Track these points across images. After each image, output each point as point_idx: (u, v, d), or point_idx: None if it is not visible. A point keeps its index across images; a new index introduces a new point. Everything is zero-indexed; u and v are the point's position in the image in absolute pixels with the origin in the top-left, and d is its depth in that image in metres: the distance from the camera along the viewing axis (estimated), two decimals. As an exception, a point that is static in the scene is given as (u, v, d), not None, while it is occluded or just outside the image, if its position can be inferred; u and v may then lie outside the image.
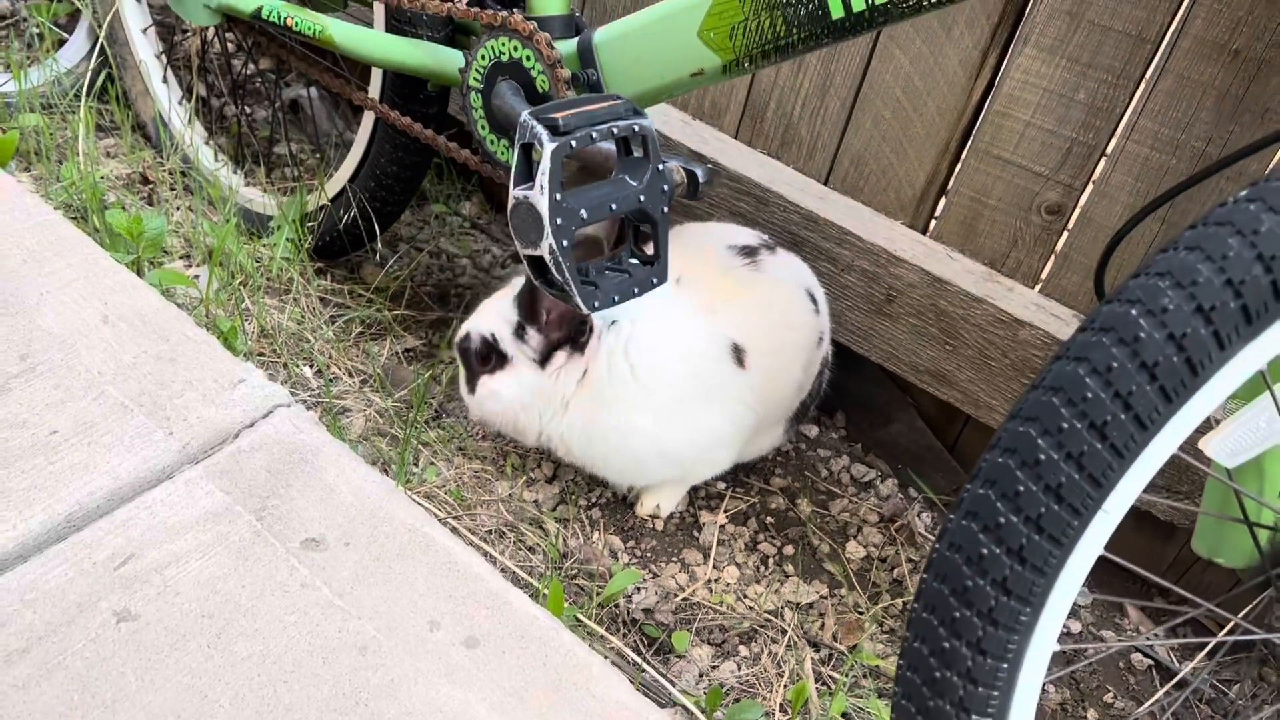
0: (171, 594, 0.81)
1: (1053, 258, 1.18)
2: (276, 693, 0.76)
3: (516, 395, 1.07)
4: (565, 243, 0.76)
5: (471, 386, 1.10)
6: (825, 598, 1.17)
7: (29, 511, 0.84)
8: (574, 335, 1.06)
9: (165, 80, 1.60)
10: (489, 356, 1.08)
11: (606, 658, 1.01)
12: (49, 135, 1.47)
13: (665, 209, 0.83)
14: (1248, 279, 0.58)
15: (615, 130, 0.78)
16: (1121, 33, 1.05)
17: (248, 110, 1.74)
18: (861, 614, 1.16)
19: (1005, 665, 0.65)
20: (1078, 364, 0.62)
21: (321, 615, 0.81)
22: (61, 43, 1.71)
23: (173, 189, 1.50)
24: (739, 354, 1.09)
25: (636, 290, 0.83)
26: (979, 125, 1.17)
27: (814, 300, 1.17)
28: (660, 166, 0.82)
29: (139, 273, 1.20)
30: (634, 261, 0.84)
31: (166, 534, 0.85)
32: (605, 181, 0.80)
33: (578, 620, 1.02)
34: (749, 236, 1.18)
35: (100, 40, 1.58)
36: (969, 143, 1.18)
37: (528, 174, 0.76)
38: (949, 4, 0.78)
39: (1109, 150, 1.10)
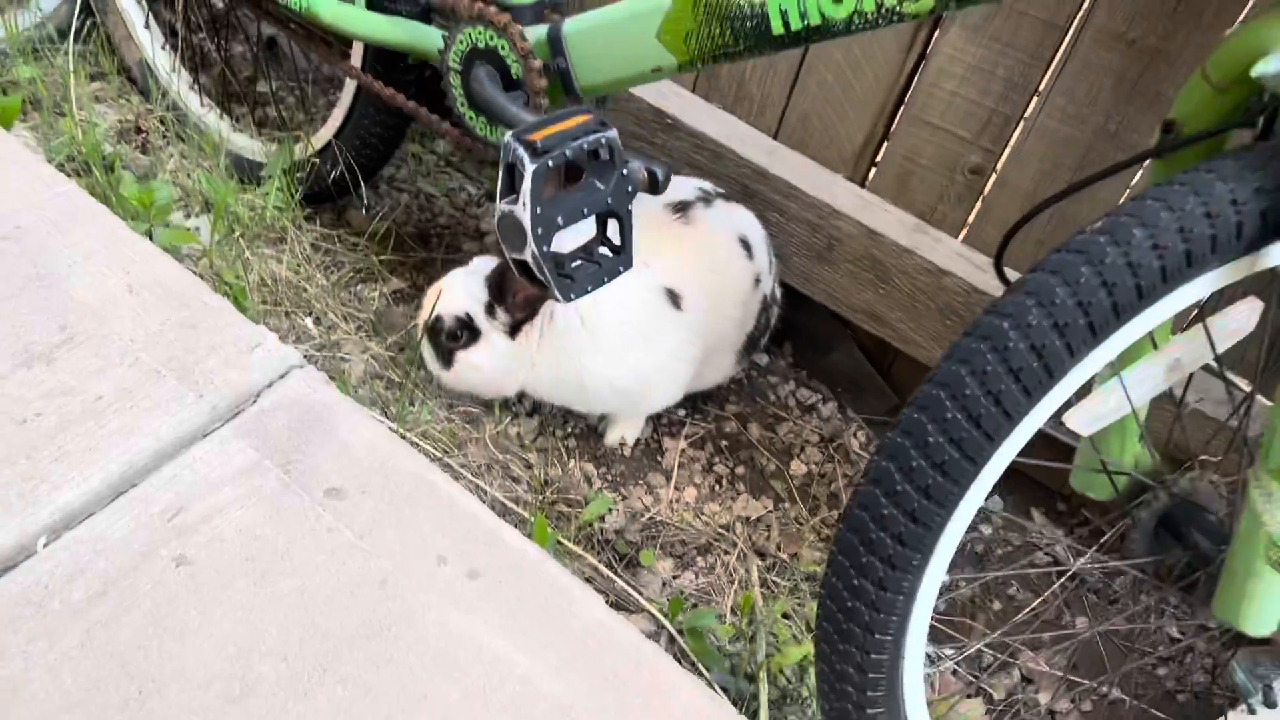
0: (218, 541, 0.95)
1: (974, 212, 1.31)
2: (314, 621, 0.91)
3: (494, 363, 1.22)
4: (545, 248, 0.88)
5: (448, 362, 1.24)
6: (771, 511, 1.34)
7: (88, 471, 0.98)
8: (538, 308, 1.20)
9: (148, 26, 1.65)
10: (461, 334, 1.21)
11: (585, 575, 1.18)
12: (43, 87, 1.54)
13: (630, 206, 0.95)
14: (1116, 283, 0.72)
15: (585, 145, 0.89)
16: (1036, 18, 1.16)
17: (225, 48, 1.80)
18: (801, 525, 1.33)
19: (919, 556, 0.80)
20: (1004, 319, 0.75)
21: (346, 555, 0.96)
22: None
23: (164, 137, 1.58)
24: (674, 298, 1.24)
25: (606, 278, 0.96)
26: (911, 93, 1.29)
27: (747, 247, 1.30)
28: (624, 170, 0.94)
29: (149, 236, 1.30)
30: (604, 251, 0.97)
31: (208, 488, 0.99)
32: (577, 188, 0.92)
33: (560, 543, 1.18)
34: (686, 190, 1.30)
35: (83, -11, 1.64)
36: (902, 108, 1.30)
37: (511, 188, 0.88)
38: (869, 29, 0.90)
39: (1024, 120, 1.22)
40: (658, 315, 1.23)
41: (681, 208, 1.27)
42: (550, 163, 0.86)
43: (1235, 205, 0.72)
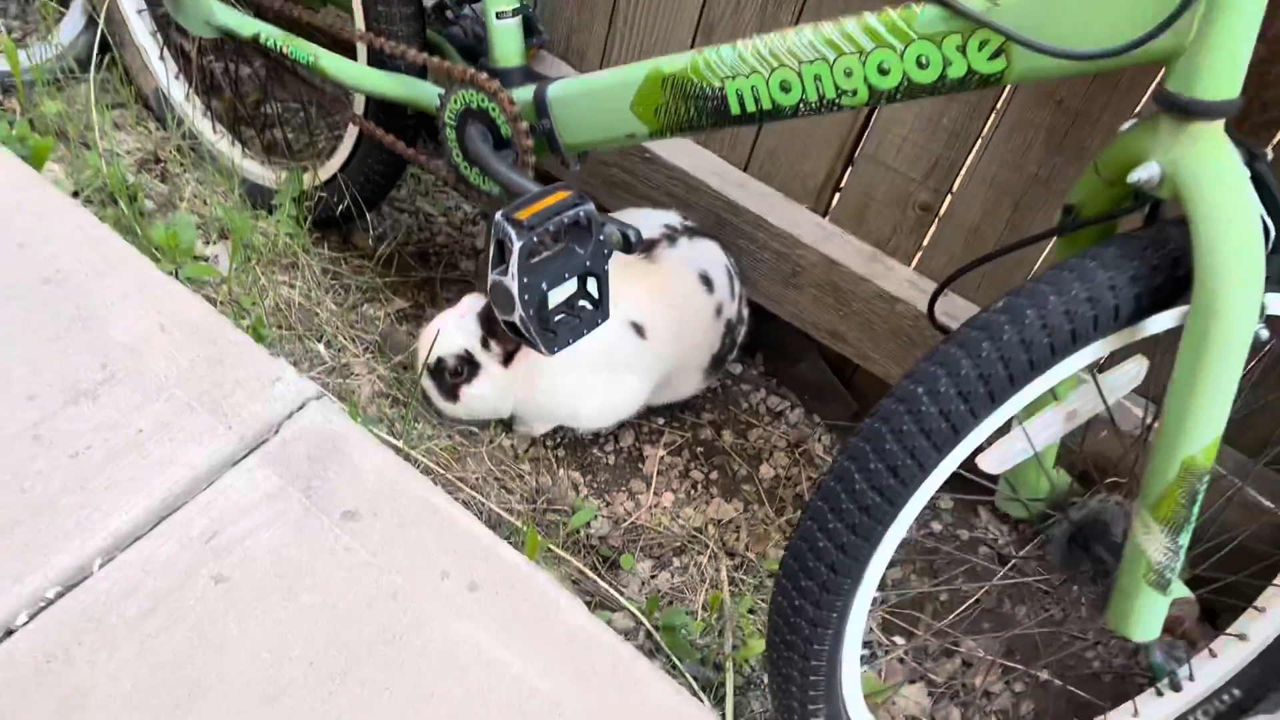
0: (251, 560, 1.09)
1: (925, 243, 1.44)
2: (336, 631, 1.05)
3: (494, 391, 1.36)
4: (531, 311, 1.01)
5: (453, 397, 1.37)
6: (741, 513, 1.48)
7: (134, 499, 1.11)
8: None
9: (162, 57, 1.77)
10: (463, 369, 1.35)
11: (572, 578, 1.32)
12: (70, 124, 1.65)
13: (606, 266, 1.08)
14: (1011, 358, 0.85)
15: (565, 219, 1.02)
16: (975, 77, 1.28)
17: (235, 76, 1.91)
18: (768, 525, 1.47)
19: (867, 544, 0.93)
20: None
21: (362, 572, 1.10)
22: (59, 17, 1.85)
23: (181, 165, 1.70)
24: (639, 330, 1.37)
25: (585, 330, 1.08)
26: (865, 136, 1.41)
27: (708, 282, 1.43)
28: (601, 236, 1.06)
29: (176, 274, 1.43)
30: (584, 305, 1.10)
31: (239, 512, 1.12)
32: (559, 253, 1.04)
33: (550, 550, 1.32)
34: (653, 228, 1.43)
35: (100, 26, 1.74)
36: (859, 149, 1.42)
37: (501, 260, 1.00)
38: (813, 115, 1.02)
39: (966, 165, 1.34)
40: (624, 345, 1.37)
41: (648, 247, 1.40)
42: (535, 238, 0.99)
43: (1113, 290, 0.84)
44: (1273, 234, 0.83)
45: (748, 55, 1.01)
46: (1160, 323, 0.88)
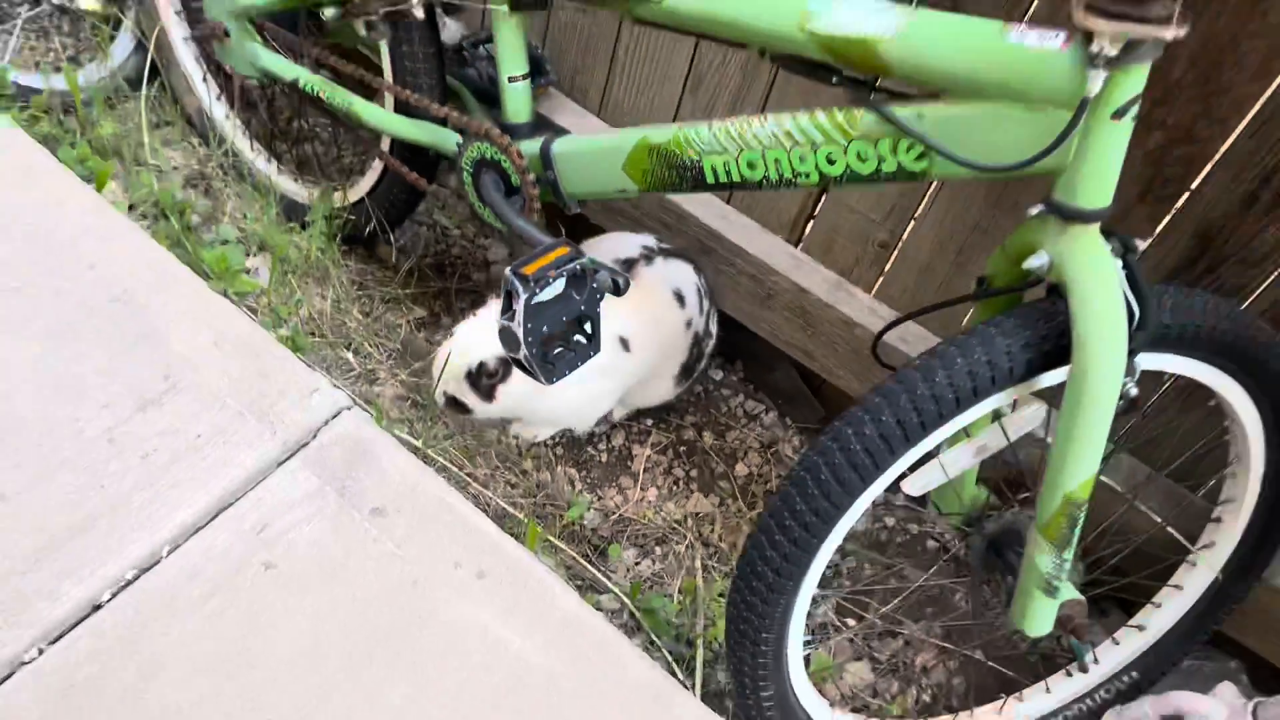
0: (295, 550, 1.28)
1: (882, 276, 1.61)
2: (365, 614, 1.25)
3: (526, 388, 1.51)
4: (534, 351, 1.20)
5: (491, 397, 1.54)
6: (717, 508, 1.68)
7: (195, 496, 1.30)
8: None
9: (205, 80, 1.94)
10: (498, 370, 1.51)
11: (566, 564, 1.52)
12: (125, 146, 1.83)
13: (598, 308, 1.26)
14: (923, 408, 1.03)
15: (565, 272, 1.20)
16: (927, 137, 1.45)
17: (271, 105, 2.07)
18: (740, 519, 1.66)
19: (805, 554, 1.12)
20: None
21: (388, 562, 1.30)
22: (110, 38, 2.02)
23: (223, 181, 1.88)
24: (625, 344, 1.55)
25: (580, 362, 1.27)
26: (833, 181, 1.58)
27: (680, 299, 1.61)
28: (594, 284, 1.25)
29: (225, 293, 1.61)
30: (579, 339, 1.28)
31: (284, 508, 1.32)
32: (558, 299, 1.23)
33: (548, 540, 1.51)
34: (631, 248, 1.61)
35: (150, 51, 1.91)
36: (825, 192, 1.60)
37: (509, 308, 1.19)
38: (774, 189, 1.20)
39: (918, 212, 1.52)
40: (612, 356, 1.55)
41: (628, 265, 1.58)
42: (538, 289, 1.17)
43: (1009, 355, 1.03)
44: (1137, 312, 1.01)
45: (721, 136, 1.19)
46: (1052, 378, 1.07)
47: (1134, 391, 1.04)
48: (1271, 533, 1.32)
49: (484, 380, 1.54)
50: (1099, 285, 0.98)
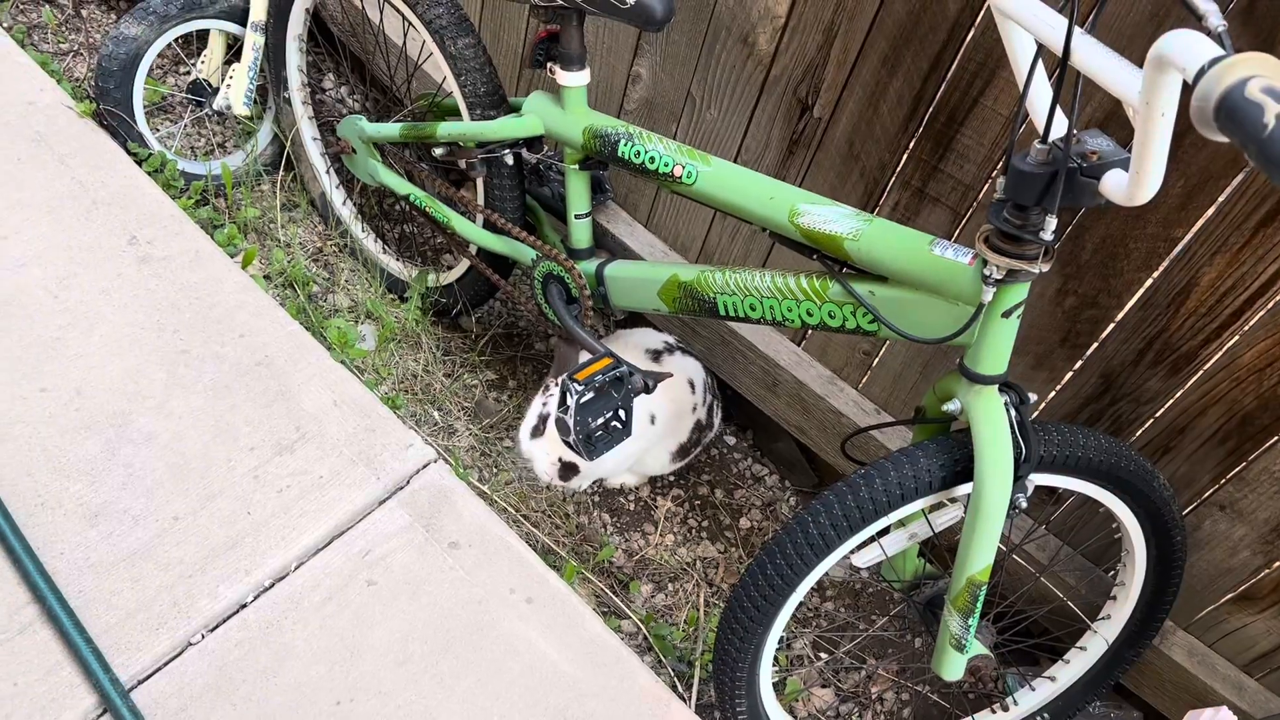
0: (390, 571, 1.65)
1: (866, 375, 1.95)
2: (441, 622, 1.61)
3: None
4: (581, 436, 1.55)
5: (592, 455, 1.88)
6: (722, 554, 2.02)
7: (317, 524, 1.68)
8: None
9: (328, 171, 2.33)
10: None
11: (596, 594, 1.87)
12: (262, 220, 2.22)
13: (632, 404, 1.62)
14: (863, 507, 1.37)
15: (607, 379, 1.56)
16: (902, 275, 1.79)
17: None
18: (740, 565, 2.01)
19: (772, 607, 1.47)
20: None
21: (461, 585, 1.66)
22: (249, 133, 2.42)
23: (339, 256, 2.26)
24: (652, 418, 1.90)
25: (615, 443, 1.62)
26: (830, 299, 1.92)
27: (692, 386, 1.95)
28: (630, 386, 1.60)
29: (343, 363, 1.99)
30: (616, 425, 1.64)
31: (383, 538, 1.69)
32: (601, 397, 1.58)
33: (582, 573, 1.87)
34: (656, 341, 1.96)
35: (286, 147, 2.31)
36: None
37: (563, 403, 1.55)
38: (771, 326, 1.54)
39: (895, 331, 1.85)
40: (641, 426, 1.90)
41: (655, 355, 1.93)
42: (586, 393, 1.53)
43: (929, 471, 1.37)
44: (1024, 448, 1.34)
45: (731, 283, 1.54)
46: (963, 490, 1.41)
47: (1023, 504, 1.37)
48: (1156, 610, 1.64)
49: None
50: (993, 430, 1.31)
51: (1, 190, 1.94)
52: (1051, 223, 1.12)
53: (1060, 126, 1.09)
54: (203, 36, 2.32)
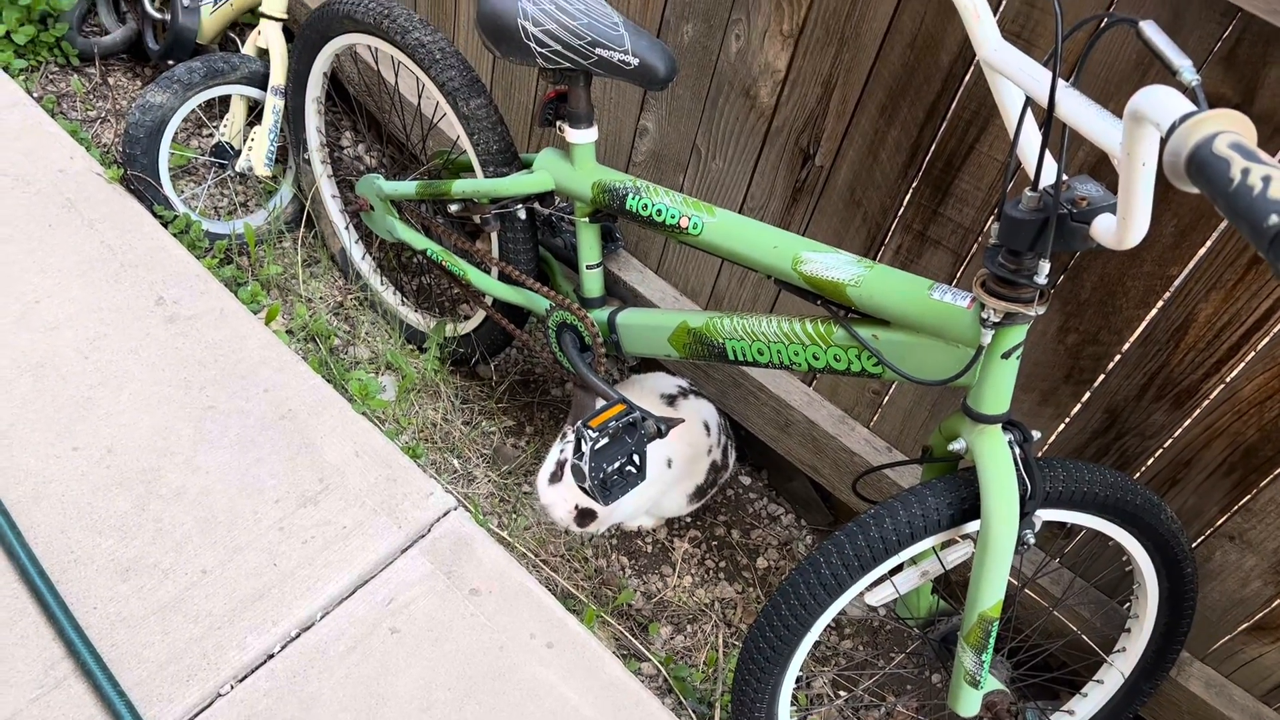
0: (413, 619, 1.68)
1: (877, 414, 1.97)
2: (464, 669, 1.64)
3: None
4: (597, 481, 1.58)
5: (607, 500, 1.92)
6: (740, 594, 2.03)
7: (340, 574, 1.71)
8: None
9: (347, 228, 2.39)
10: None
11: (616, 636, 1.89)
12: (283, 276, 2.28)
13: (645, 448, 1.65)
14: (874, 546, 1.39)
15: (621, 425, 1.59)
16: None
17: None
18: (758, 605, 2.02)
19: (788, 647, 1.48)
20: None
21: (481, 630, 1.68)
22: (271, 192, 2.49)
23: (358, 309, 2.31)
24: (669, 462, 1.93)
25: (629, 488, 1.65)
26: (838, 340, 1.95)
27: (707, 429, 1.98)
28: (643, 431, 1.63)
29: (364, 414, 2.03)
30: (630, 469, 1.67)
31: (405, 586, 1.72)
32: (615, 442, 1.61)
33: (602, 617, 1.89)
34: (670, 386, 1.99)
35: (307, 206, 2.37)
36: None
37: (578, 450, 1.58)
38: (778, 369, 1.57)
39: (903, 370, 1.88)
40: (658, 470, 1.93)
41: (670, 399, 1.96)
42: (601, 439, 1.56)
43: (937, 510, 1.39)
44: (1029, 485, 1.36)
45: (739, 329, 1.57)
46: (972, 527, 1.42)
47: (1031, 540, 1.39)
48: (1171, 642, 1.64)
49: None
50: (997, 468, 1.33)
51: (33, 256, 2.00)
52: (1045, 267, 1.15)
53: (1050, 174, 1.12)
54: (225, 101, 2.39)
